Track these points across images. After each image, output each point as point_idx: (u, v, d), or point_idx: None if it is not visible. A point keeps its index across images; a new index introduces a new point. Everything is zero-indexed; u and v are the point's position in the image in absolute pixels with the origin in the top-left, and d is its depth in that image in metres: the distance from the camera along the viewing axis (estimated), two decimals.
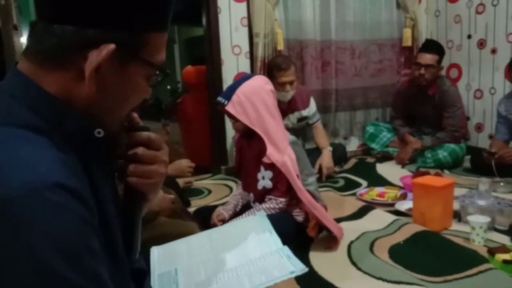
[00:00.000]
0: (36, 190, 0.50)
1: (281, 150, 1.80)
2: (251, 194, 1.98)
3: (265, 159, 1.80)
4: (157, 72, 0.68)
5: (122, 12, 0.61)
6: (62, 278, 0.50)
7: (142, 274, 0.81)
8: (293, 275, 0.77)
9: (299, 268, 0.78)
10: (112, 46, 0.60)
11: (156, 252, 0.95)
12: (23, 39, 2.62)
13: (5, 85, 0.62)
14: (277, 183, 1.85)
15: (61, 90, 0.61)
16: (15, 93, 0.60)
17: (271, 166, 1.82)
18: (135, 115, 0.73)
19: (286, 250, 0.84)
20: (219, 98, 1.85)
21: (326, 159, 3.06)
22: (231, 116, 1.87)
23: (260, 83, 1.84)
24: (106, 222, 0.62)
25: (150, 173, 0.71)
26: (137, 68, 0.64)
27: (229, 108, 1.79)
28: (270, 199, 1.87)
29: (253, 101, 1.78)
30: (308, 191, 1.84)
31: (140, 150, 0.70)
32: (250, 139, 1.91)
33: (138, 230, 0.72)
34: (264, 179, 1.87)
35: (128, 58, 0.63)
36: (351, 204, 2.45)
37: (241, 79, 1.88)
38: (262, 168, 1.87)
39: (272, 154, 1.78)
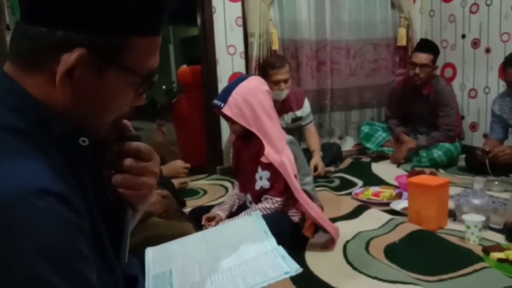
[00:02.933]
0: (20, 196, 0.49)
1: (279, 150, 1.80)
2: (248, 195, 1.98)
3: (263, 159, 1.80)
4: (142, 80, 0.63)
5: (96, 14, 0.56)
6: (48, 284, 0.49)
7: (135, 281, 0.80)
8: (288, 276, 0.76)
9: (294, 268, 0.77)
10: (82, 50, 0.56)
11: (151, 253, 0.95)
12: None
13: None
14: (274, 182, 1.85)
15: (41, 94, 0.58)
16: None
17: (269, 166, 1.82)
18: (128, 123, 0.70)
19: (281, 250, 0.84)
20: (215, 101, 1.84)
21: (317, 161, 3.06)
22: (228, 119, 1.86)
23: (256, 84, 1.84)
24: (95, 227, 0.60)
25: (138, 185, 0.69)
26: (117, 75, 0.60)
27: (226, 110, 1.78)
28: (266, 198, 1.87)
29: (250, 102, 1.78)
30: (305, 191, 1.84)
31: (129, 161, 0.67)
32: (247, 141, 1.91)
33: (126, 239, 0.70)
34: (262, 179, 1.86)
35: (105, 63, 0.59)
36: (347, 204, 2.45)
37: (236, 80, 1.88)
38: (259, 169, 1.87)
39: (270, 154, 1.78)
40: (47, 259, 0.49)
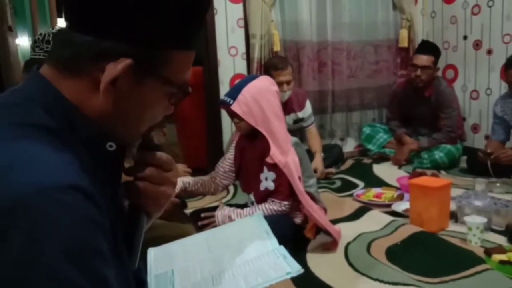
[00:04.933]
0: (48, 191, 0.50)
1: (285, 151, 1.80)
2: (251, 195, 1.97)
3: (268, 159, 1.79)
4: (179, 90, 0.66)
5: (142, 27, 0.59)
6: (68, 280, 0.49)
7: (143, 285, 0.81)
8: (289, 276, 0.76)
9: (295, 269, 0.77)
10: (129, 60, 0.58)
11: (153, 253, 0.95)
12: (18, 41, 2.61)
13: (24, 88, 0.62)
14: (279, 185, 1.83)
15: (77, 98, 0.60)
16: (33, 95, 0.60)
17: (274, 167, 1.82)
18: (152, 134, 0.72)
19: (282, 250, 0.84)
20: (224, 98, 1.83)
21: (318, 163, 3.06)
22: (235, 116, 1.85)
23: (266, 84, 1.84)
24: (112, 228, 0.61)
25: (157, 194, 0.70)
26: (156, 85, 0.63)
27: (235, 107, 1.78)
28: (273, 201, 1.86)
29: (259, 102, 1.77)
30: (309, 193, 1.84)
31: (152, 170, 0.69)
32: (253, 140, 1.90)
33: (138, 245, 0.71)
34: (267, 180, 1.86)
35: (146, 74, 0.61)
36: (348, 205, 2.45)
37: (246, 79, 1.88)
38: (265, 169, 1.86)
39: (275, 154, 1.77)
40: (69, 254, 0.50)
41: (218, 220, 1.86)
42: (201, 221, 1.90)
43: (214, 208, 2.02)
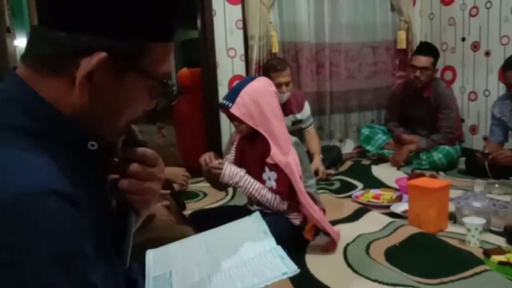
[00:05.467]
0: (29, 197, 0.49)
1: (285, 152, 1.79)
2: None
3: (268, 160, 1.79)
4: (159, 84, 0.65)
5: (117, 20, 0.58)
6: (52, 284, 0.49)
7: (135, 284, 0.80)
8: (286, 276, 0.76)
9: (292, 269, 0.77)
10: (103, 54, 0.57)
11: (151, 255, 0.95)
12: (17, 42, 2.61)
13: (1, 90, 0.61)
14: (280, 186, 1.83)
15: (56, 97, 0.60)
16: (11, 96, 0.59)
17: (275, 167, 1.82)
18: (134, 128, 0.71)
19: (280, 250, 0.84)
20: (223, 101, 1.83)
21: (318, 164, 3.06)
22: (235, 119, 1.85)
23: (264, 85, 1.84)
24: (97, 229, 0.60)
25: (143, 190, 0.69)
26: (135, 79, 0.62)
27: (234, 110, 1.77)
28: (275, 197, 1.85)
29: (258, 103, 1.77)
30: (308, 193, 1.84)
31: (135, 166, 0.68)
32: (253, 141, 1.90)
33: (128, 243, 0.70)
34: (270, 180, 1.86)
35: (124, 68, 0.60)
36: (347, 207, 2.45)
37: (244, 80, 1.87)
38: (267, 169, 1.86)
39: (276, 154, 1.77)
40: (53, 259, 0.49)
41: (225, 173, 1.84)
42: (209, 167, 1.86)
43: (213, 209, 2.02)
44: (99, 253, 0.58)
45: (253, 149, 1.92)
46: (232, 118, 1.86)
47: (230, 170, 1.85)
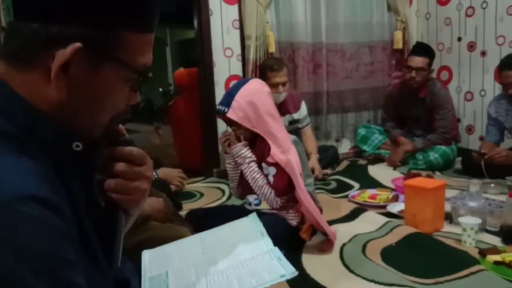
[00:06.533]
0: (6, 203, 0.48)
1: (285, 150, 1.80)
2: (248, 197, 1.97)
3: (269, 159, 1.80)
4: (138, 75, 0.63)
5: (89, 8, 0.56)
6: None
7: (127, 284, 0.79)
8: (283, 279, 0.76)
9: (290, 271, 0.77)
10: (78, 44, 0.56)
11: (147, 256, 0.94)
12: None
13: None
14: (276, 182, 1.84)
15: (32, 92, 0.58)
16: None
17: (275, 163, 1.82)
18: (121, 127, 0.70)
19: (277, 251, 0.84)
20: (219, 107, 1.83)
21: (315, 163, 3.06)
22: (233, 123, 1.85)
23: (258, 86, 1.84)
24: (84, 232, 0.59)
25: (131, 190, 0.68)
26: (112, 69, 0.60)
27: (231, 115, 1.77)
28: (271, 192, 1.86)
29: (254, 105, 1.78)
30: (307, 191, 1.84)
31: (122, 166, 0.67)
32: (252, 145, 1.91)
33: (119, 243, 0.69)
34: (269, 175, 1.86)
35: (100, 58, 0.59)
36: (343, 206, 2.45)
37: (237, 84, 1.88)
38: (264, 165, 1.86)
39: (276, 154, 1.78)
40: (33, 266, 0.48)
41: (236, 147, 1.88)
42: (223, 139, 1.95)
43: (211, 209, 2.02)
44: (85, 255, 0.57)
45: (253, 151, 1.92)
46: (230, 123, 1.87)
47: (242, 150, 1.88)
